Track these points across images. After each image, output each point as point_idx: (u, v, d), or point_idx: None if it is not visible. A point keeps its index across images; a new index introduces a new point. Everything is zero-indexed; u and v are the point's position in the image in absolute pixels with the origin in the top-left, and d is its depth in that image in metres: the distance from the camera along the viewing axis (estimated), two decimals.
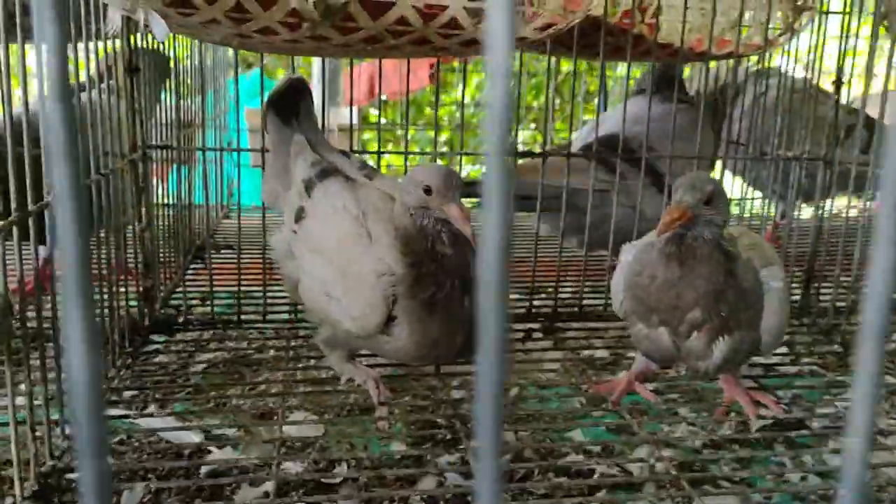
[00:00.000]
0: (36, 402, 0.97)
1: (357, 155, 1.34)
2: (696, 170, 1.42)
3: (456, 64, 4.30)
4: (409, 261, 1.06)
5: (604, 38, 1.43)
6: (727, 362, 1.10)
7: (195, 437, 1.26)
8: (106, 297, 1.24)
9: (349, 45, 0.85)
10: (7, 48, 0.76)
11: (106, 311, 1.25)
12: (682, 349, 1.10)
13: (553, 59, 1.64)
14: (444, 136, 5.43)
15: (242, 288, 1.61)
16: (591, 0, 0.93)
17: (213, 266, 1.60)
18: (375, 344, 1.13)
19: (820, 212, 1.57)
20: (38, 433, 0.99)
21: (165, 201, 1.70)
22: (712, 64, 2.16)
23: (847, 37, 1.48)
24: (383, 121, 5.28)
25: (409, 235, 1.07)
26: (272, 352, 1.55)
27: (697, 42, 1.57)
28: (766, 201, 1.96)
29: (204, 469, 1.17)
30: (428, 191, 1.04)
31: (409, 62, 1.48)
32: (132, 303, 1.44)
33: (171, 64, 1.69)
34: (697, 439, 1.30)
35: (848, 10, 1.49)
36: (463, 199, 1.07)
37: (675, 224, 1.02)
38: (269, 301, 1.61)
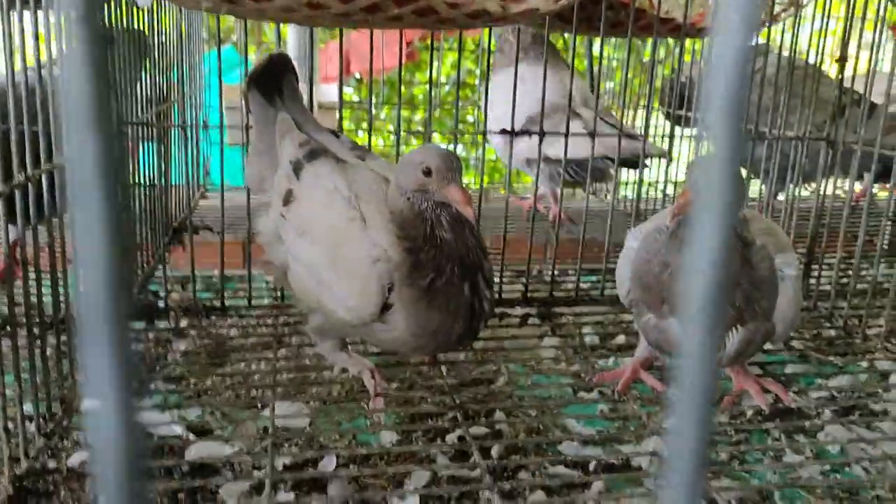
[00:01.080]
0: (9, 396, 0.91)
1: (346, 134, 1.28)
2: None
3: (429, 42, 4.20)
4: (406, 245, 1.01)
5: (604, 12, 1.38)
6: (740, 355, 1.05)
7: (177, 428, 1.21)
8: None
9: (348, 15, 0.79)
10: None
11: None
12: None
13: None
14: (418, 116, 5.35)
15: (224, 272, 1.54)
16: None
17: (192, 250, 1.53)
18: (370, 333, 1.08)
19: (821, 193, 1.54)
20: (10, 428, 0.94)
21: (138, 181, 1.63)
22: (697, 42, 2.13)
23: (853, 14, 1.45)
24: (356, 99, 5.18)
25: (406, 219, 1.02)
26: (256, 337, 1.50)
27: (700, 17, 1.53)
28: (760, 182, 1.93)
29: (186, 463, 1.12)
30: (428, 172, 0.99)
31: (408, 38, 1.41)
32: None
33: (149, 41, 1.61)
34: None
35: None
36: None
37: (689, 208, 0.97)
38: (252, 284, 1.55)
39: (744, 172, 1.92)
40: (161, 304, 1.49)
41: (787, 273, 1.04)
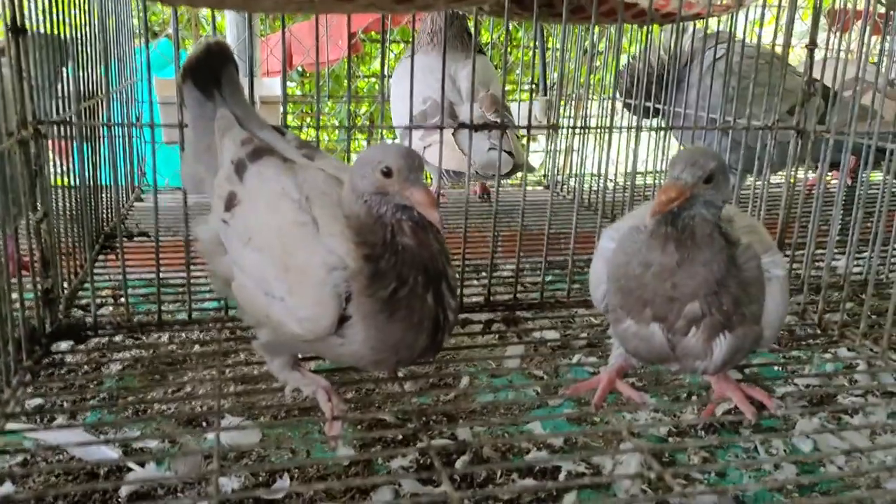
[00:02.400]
0: None
1: (293, 131, 1.18)
2: None
3: (374, 34, 4.12)
4: (364, 252, 0.92)
5: None
6: (728, 363, 0.99)
7: (112, 453, 1.12)
8: None
9: (317, 1, 0.69)
10: None
11: None
12: (677, 348, 0.99)
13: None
14: (363, 109, 5.26)
15: (162, 280, 1.41)
16: None
17: (126, 256, 1.40)
18: (326, 348, 0.99)
19: (790, 183, 1.50)
20: None
21: (68, 182, 1.50)
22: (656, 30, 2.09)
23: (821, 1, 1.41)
24: (299, 93, 5.04)
25: (364, 224, 0.93)
26: (197, 348, 1.39)
27: (664, 2, 1.48)
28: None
29: (124, 491, 1.04)
30: (387, 173, 0.90)
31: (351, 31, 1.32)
32: (29, 306, 1.24)
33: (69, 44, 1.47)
34: (663, 426, 1.24)
35: None
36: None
37: (672, 204, 0.91)
38: (192, 292, 1.43)
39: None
40: (90, 319, 1.36)
41: (775, 273, 0.98)
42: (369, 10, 0.92)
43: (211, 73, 1.13)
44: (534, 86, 2.70)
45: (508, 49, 3.98)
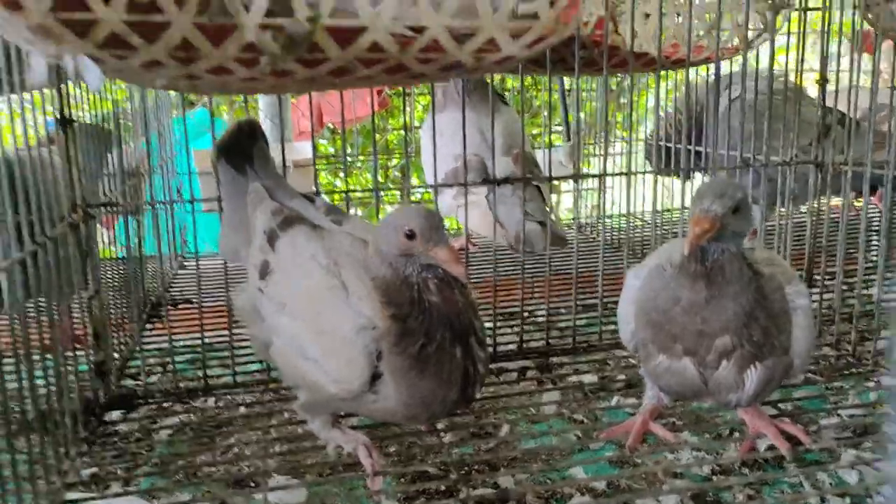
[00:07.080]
0: None
1: (323, 197, 1.24)
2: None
3: (401, 90, 4.22)
4: (391, 312, 0.96)
5: (577, 53, 1.35)
6: (760, 394, 1.00)
7: None
8: (52, 377, 1.11)
9: (314, 80, 0.75)
10: None
11: (53, 393, 1.11)
12: (709, 382, 1.00)
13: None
14: (394, 161, 5.36)
15: (206, 345, 1.47)
16: (583, 12, 0.85)
17: (173, 324, 1.47)
18: (361, 405, 1.02)
19: (814, 214, 1.50)
20: None
21: (113, 255, 1.57)
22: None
23: (828, 33, 1.43)
24: (331, 150, 5.16)
25: (391, 286, 0.97)
26: (243, 409, 1.43)
27: (673, 49, 1.52)
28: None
29: None
30: (411, 235, 0.94)
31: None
32: (84, 379, 1.30)
33: (113, 132, 1.57)
34: (705, 465, 1.23)
35: (828, 3, 1.44)
36: None
37: (706, 236, 0.92)
38: (235, 355, 1.48)
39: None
40: (140, 388, 1.41)
41: (800, 303, 0.99)
42: (365, 84, 0.97)
43: (242, 149, 1.19)
44: (559, 128, 2.74)
45: (534, 94, 4.04)
